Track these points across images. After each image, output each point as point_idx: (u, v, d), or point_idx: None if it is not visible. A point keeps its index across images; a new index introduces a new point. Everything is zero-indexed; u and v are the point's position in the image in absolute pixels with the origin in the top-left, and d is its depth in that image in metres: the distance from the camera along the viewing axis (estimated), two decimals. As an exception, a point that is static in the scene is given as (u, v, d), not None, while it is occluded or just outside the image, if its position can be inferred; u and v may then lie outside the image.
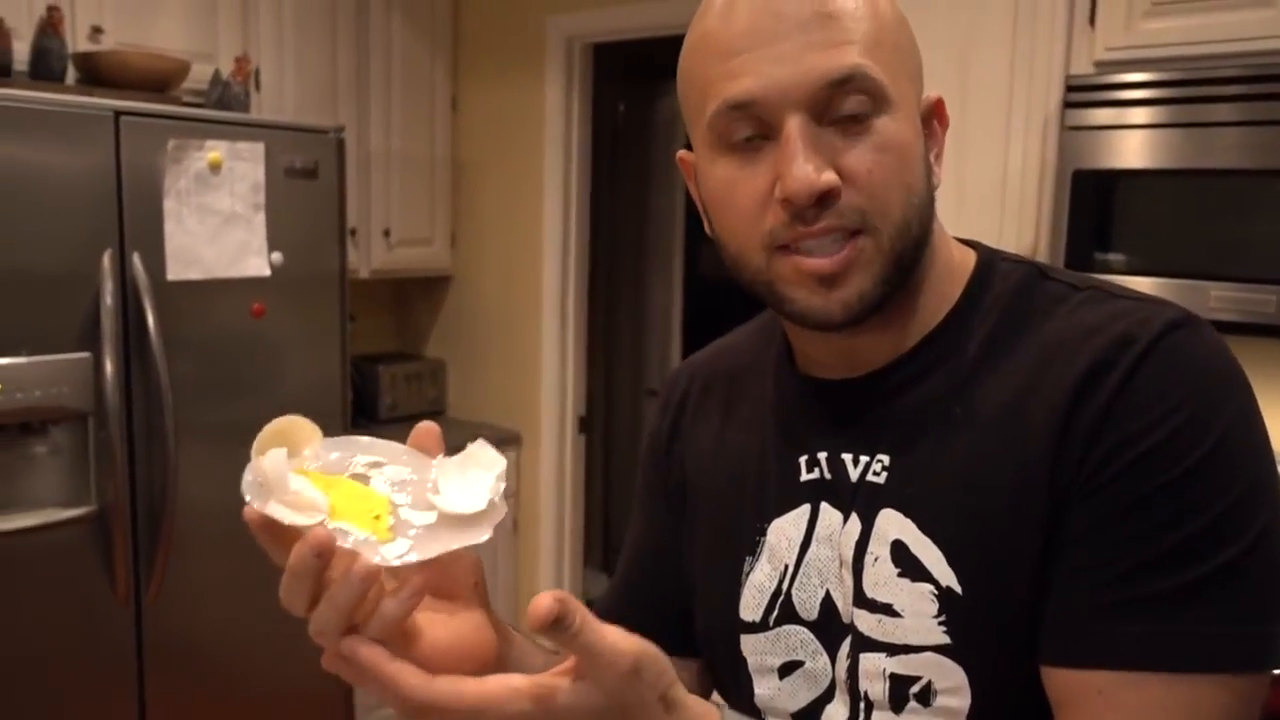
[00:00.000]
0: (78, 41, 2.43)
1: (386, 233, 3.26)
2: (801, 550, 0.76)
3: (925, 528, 0.69)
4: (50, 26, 2.26)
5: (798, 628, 0.75)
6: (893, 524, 0.71)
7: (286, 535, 0.53)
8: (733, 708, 0.80)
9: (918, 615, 0.69)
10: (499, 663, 0.60)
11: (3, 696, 2.04)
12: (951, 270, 0.75)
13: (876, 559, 0.71)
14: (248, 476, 0.54)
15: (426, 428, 0.61)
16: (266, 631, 2.43)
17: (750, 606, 0.77)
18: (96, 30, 2.48)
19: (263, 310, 2.38)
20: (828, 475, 0.75)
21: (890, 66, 0.67)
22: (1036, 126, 1.97)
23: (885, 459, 0.73)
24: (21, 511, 2.06)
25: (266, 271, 2.38)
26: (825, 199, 0.65)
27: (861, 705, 0.72)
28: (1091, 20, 1.91)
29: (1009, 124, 2.00)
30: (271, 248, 2.38)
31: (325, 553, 0.51)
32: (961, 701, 0.68)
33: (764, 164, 0.67)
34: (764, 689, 0.77)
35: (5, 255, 1.99)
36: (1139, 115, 1.83)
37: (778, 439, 0.80)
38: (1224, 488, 0.61)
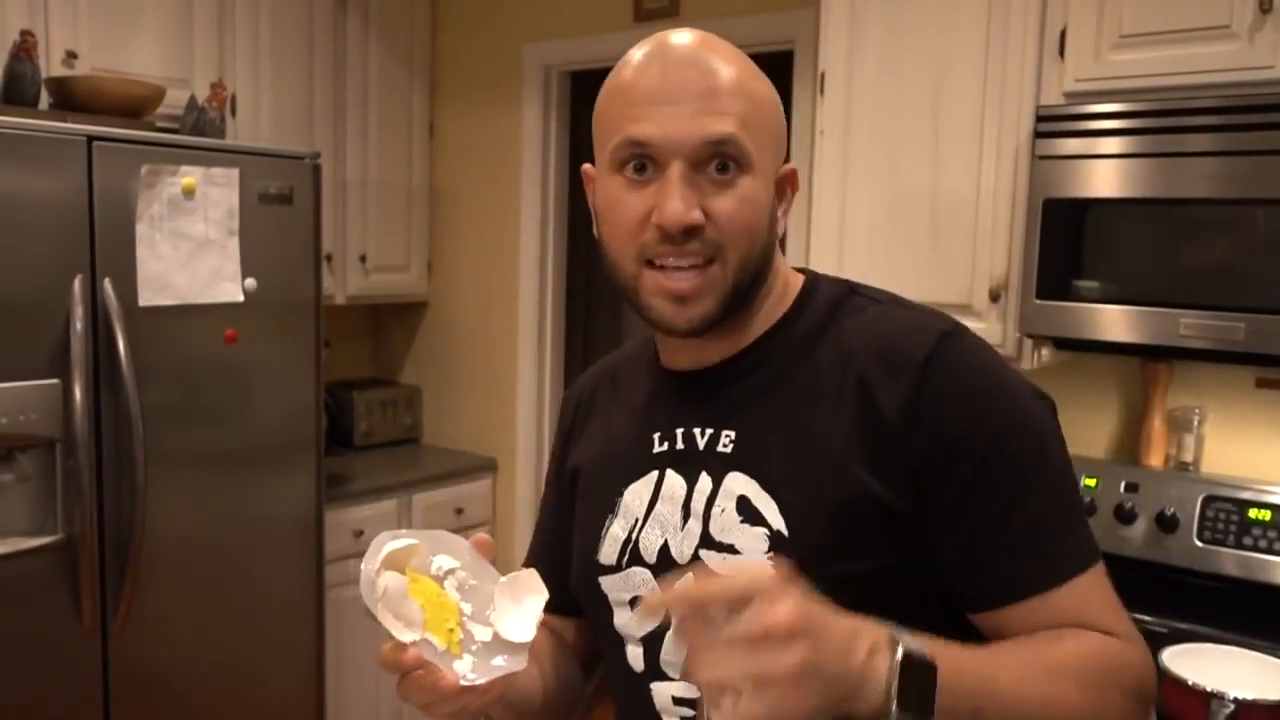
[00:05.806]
0: (51, 66, 2.41)
1: (363, 258, 3.25)
2: (649, 507, 0.94)
3: (765, 485, 0.89)
4: (23, 51, 2.25)
5: (640, 569, 0.94)
6: (739, 483, 0.90)
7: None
8: (600, 635, 1.00)
9: (752, 551, 0.88)
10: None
11: (-36, 731, 1.99)
12: (784, 291, 0.96)
13: (724, 510, 0.90)
14: (366, 585, 0.78)
15: (483, 540, 0.84)
16: (234, 662, 2.40)
17: (607, 553, 0.97)
18: (71, 55, 2.46)
19: (236, 336, 2.36)
20: (680, 446, 0.94)
21: (757, 140, 0.86)
22: (1008, 155, 1.99)
23: (732, 433, 0.92)
24: (-14, 541, 2.02)
25: (240, 297, 2.36)
26: (691, 231, 0.84)
27: None
28: (1061, 52, 1.93)
29: (981, 152, 2.02)
30: (246, 273, 2.37)
31: (419, 665, 0.78)
32: None
33: (648, 192, 0.86)
34: (619, 619, 0.96)
35: (-26, 280, 1.96)
36: (1108, 145, 1.85)
37: (641, 422, 0.99)
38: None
